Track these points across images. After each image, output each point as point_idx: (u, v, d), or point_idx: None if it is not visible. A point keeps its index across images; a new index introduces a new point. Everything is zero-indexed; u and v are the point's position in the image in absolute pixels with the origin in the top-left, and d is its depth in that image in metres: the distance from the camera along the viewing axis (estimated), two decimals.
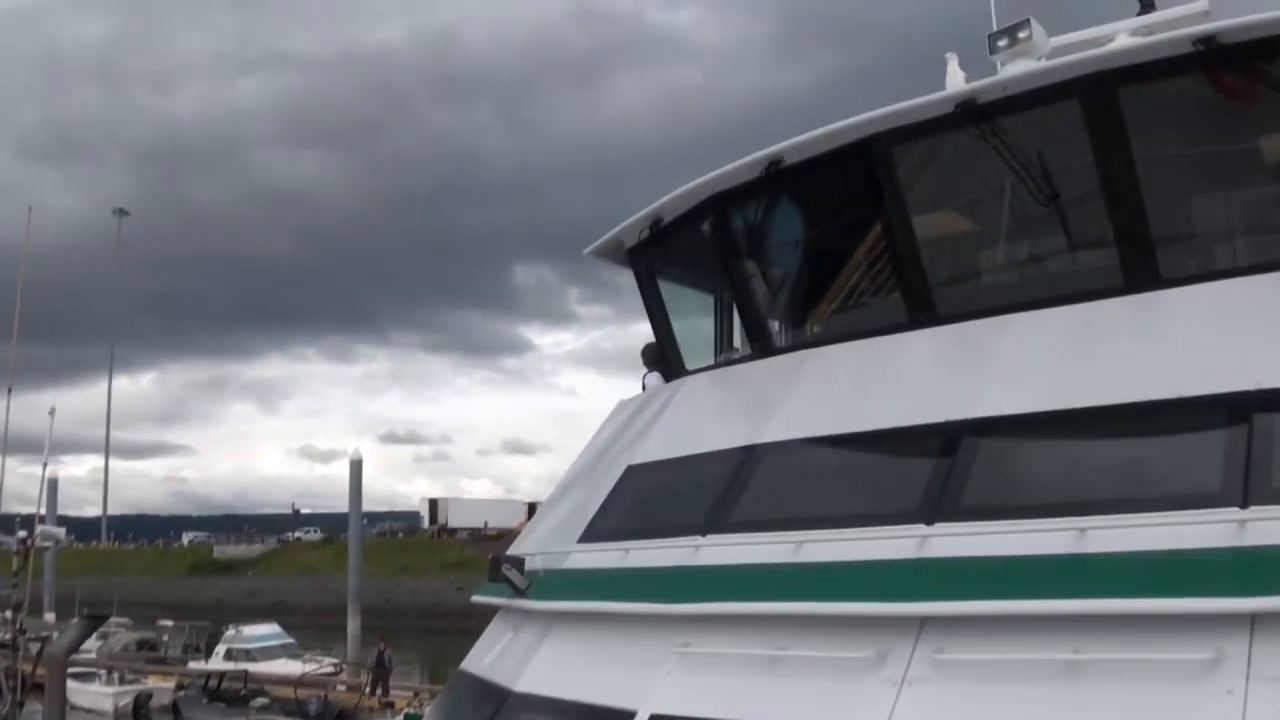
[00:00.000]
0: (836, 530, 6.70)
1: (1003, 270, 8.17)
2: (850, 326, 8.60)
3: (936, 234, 8.04)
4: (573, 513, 9.27)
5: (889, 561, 6.28)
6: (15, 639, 22.16)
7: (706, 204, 9.17)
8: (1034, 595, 5.59)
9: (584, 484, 9.72)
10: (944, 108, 7.58)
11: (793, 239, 9.28)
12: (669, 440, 9.03)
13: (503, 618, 9.34)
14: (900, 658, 5.92)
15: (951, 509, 6.33)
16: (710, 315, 10.44)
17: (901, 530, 6.36)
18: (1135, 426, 6.32)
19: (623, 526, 8.44)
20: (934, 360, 7.70)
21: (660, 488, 8.67)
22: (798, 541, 6.77)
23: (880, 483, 7.18)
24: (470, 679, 8.97)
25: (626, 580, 7.76)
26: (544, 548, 9.09)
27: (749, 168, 8.65)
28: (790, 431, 7.89)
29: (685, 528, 7.67)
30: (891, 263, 8.09)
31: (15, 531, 24.50)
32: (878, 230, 8.17)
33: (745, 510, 7.52)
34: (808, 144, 8.27)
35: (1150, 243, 6.99)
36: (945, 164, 8.06)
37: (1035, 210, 7.64)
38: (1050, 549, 5.72)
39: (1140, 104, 6.97)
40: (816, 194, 8.87)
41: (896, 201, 7.87)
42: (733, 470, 7.84)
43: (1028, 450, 6.75)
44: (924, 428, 7.04)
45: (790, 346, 9.13)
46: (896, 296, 8.06)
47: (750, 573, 6.95)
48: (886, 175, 7.88)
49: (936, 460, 6.77)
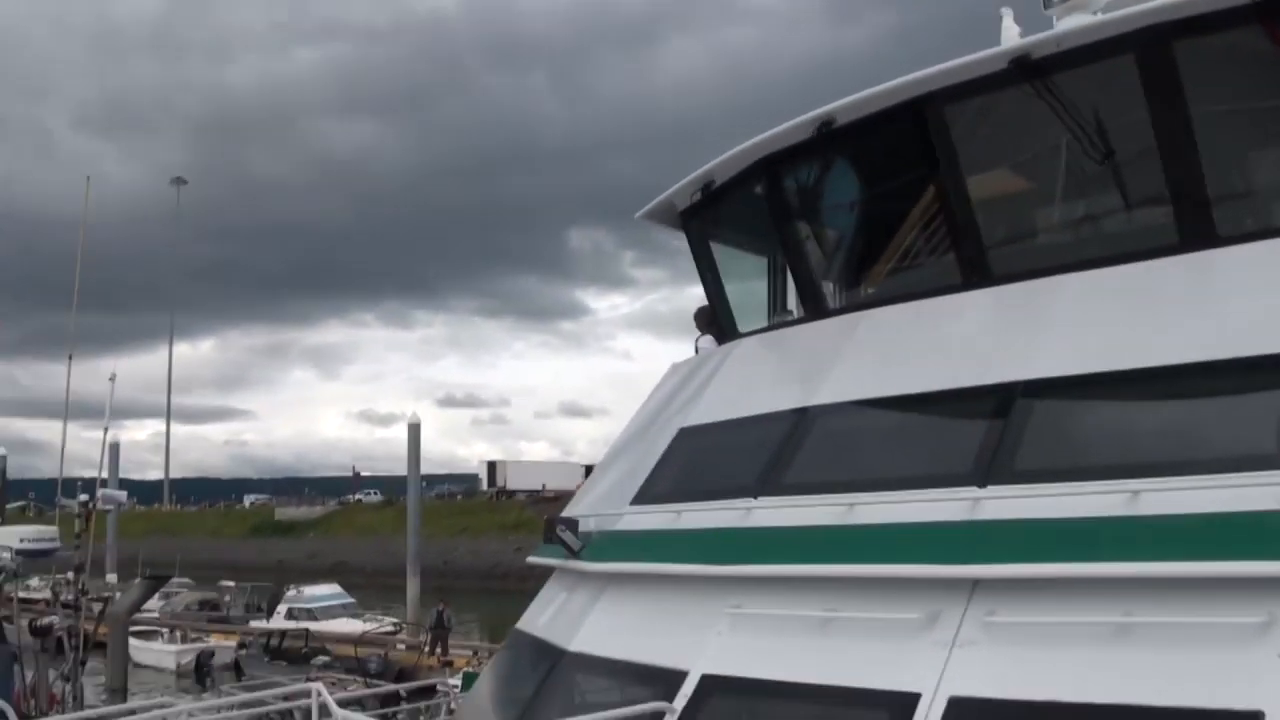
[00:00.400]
0: (888, 492, 6.72)
1: (1057, 230, 8.09)
2: (904, 288, 8.57)
3: (990, 193, 7.97)
4: (626, 475, 9.35)
5: (941, 524, 6.29)
6: (78, 599, 22.70)
7: (758, 165, 9.15)
8: (1086, 558, 5.59)
9: (637, 446, 9.79)
10: (997, 64, 7.49)
11: (846, 200, 9.25)
12: (721, 403, 9.07)
13: (558, 578, 9.46)
14: (951, 620, 5.95)
15: (1004, 471, 6.33)
16: (763, 278, 10.44)
17: (954, 493, 6.37)
18: (1190, 387, 6.26)
19: (675, 488, 8.50)
20: (988, 321, 7.66)
21: (712, 450, 8.71)
22: (849, 504, 6.80)
23: (933, 445, 7.19)
24: (526, 638, 9.10)
25: (679, 542, 7.83)
26: (598, 509, 9.18)
27: (800, 128, 8.61)
28: (843, 394, 7.90)
29: (737, 490, 7.73)
30: (945, 223, 8.04)
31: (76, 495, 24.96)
32: (931, 190, 8.12)
33: (797, 472, 7.55)
34: (859, 103, 8.21)
35: (1206, 200, 6.90)
36: (999, 122, 7.98)
37: (1090, 168, 7.56)
38: (1103, 511, 5.71)
39: (1196, 58, 6.84)
40: (869, 154, 8.82)
41: (950, 161, 7.81)
42: (785, 432, 7.87)
43: (1081, 412, 6.72)
44: (977, 389, 7.02)
45: (844, 308, 9.11)
46: (950, 257, 8.02)
47: (801, 534, 6.99)
48: (940, 134, 7.82)
49: (989, 422, 6.76)
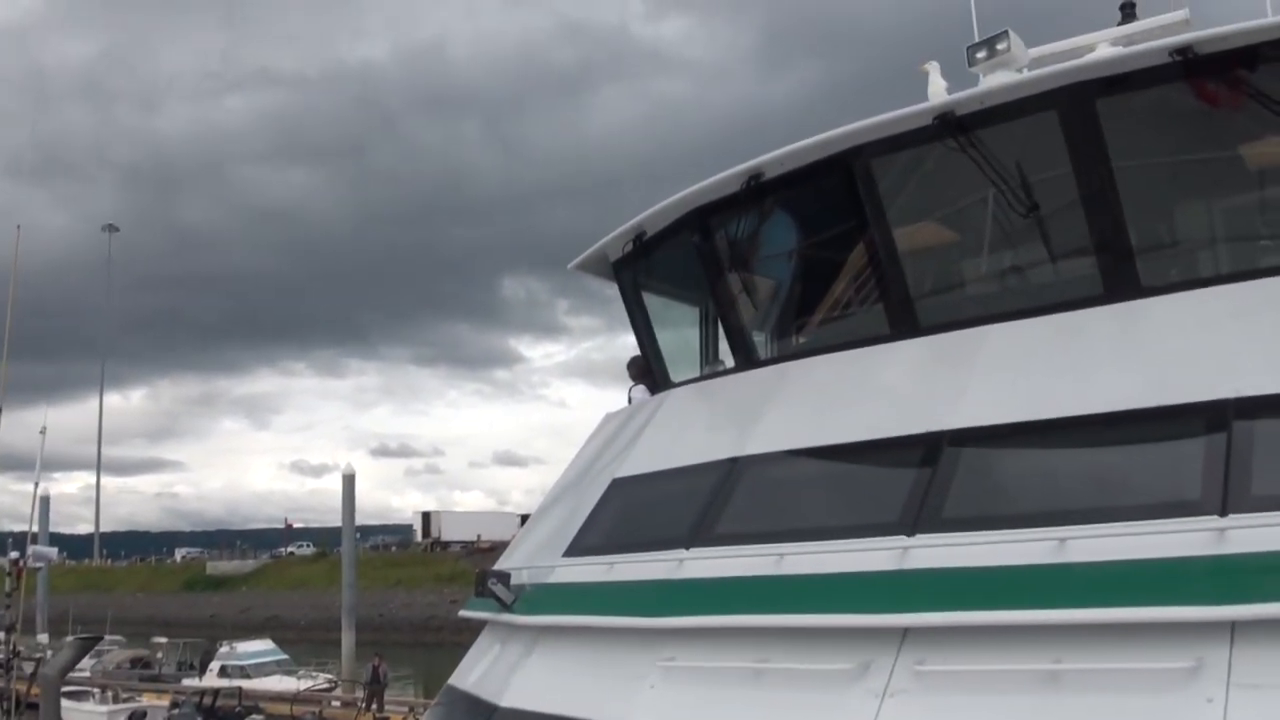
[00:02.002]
0: (819, 542, 6.69)
1: (984, 281, 8.19)
2: (833, 338, 8.61)
3: (918, 245, 8.06)
4: (559, 526, 9.27)
5: (871, 573, 6.28)
6: (9, 660, 22.04)
7: (689, 217, 9.20)
8: (1015, 605, 5.59)
9: (570, 497, 9.72)
10: (923, 120, 7.60)
11: (776, 251, 9.29)
12: (654, 453, 9.03)
13: (490, 632, 9.33)
14: (883, 669, 5.92)
15: (933, 520, 6.34)
16: (695, 327, 10.46)
17: (883, 541, 6.36)
18: (1116, 435, 6.32)
19: (608, 540, 8.43)
20: (916, 371, 7.71)
21: (645, 501, 8.66)
22: (780, 554, 6.77)
23: (862, 494, 7.19)
24: (457, 694, 8.96)
25: (611, 594, 7.75)
26: (530, 561, 9.08)
27: (730, 181, 8.67)
28: (773, 443, 7.90)
29: (669, 541, 7.67)
30: (874, 274, 8.10)
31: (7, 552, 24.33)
32: (860, 243, 8.18)
33: (728, 523, 7.52)
34: (788, 157, 8.29)
35: (1130, 252, 7.01)
36: (926, 176, 8.08)
37: (1016, 221, 7.65)
38: (1031, 559, 5.73)
39: (1119, 114, 6.99)
40: (798, 207, 8.88)
41: (877, 214, 7.89)
42: (716, 483, 7.84)
43: (1009, 460, 6.76)
44: (906, 438, 7.04)
45: (774, 359, 9.14)
46: (879, 308, 8.08)
47: (733, 585, 6.94)
48: (867, 188, 7.90)
49: (918, 471, 6.77)
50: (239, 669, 48.92)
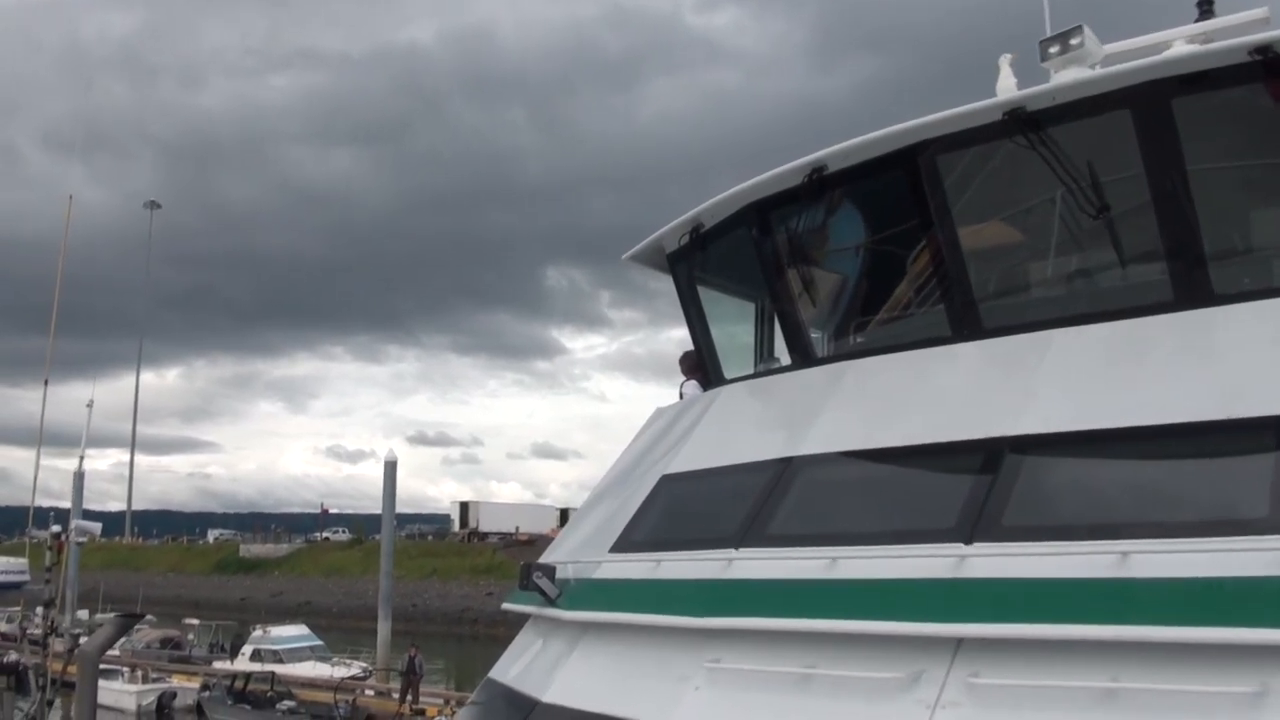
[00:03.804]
0: (872, 547, 6.72)
1: (1050, 283, 8.16)
2: (893, 338, 8.63)
3: (983, 245, 8.06)
4: (606, 521, 9.34)
5: (925, 580, 6.30)
6: (47, 636, 22.40)
7: (748, 210, 9.24)
8: (1073, 620, 5.58)
9: (618, 492, 9.79)
10: (992, 115, 7.59)
11: (836, 248, 9.31)
12: (705, 450, 9.09)
13: (533, 626, 9.43)
14: (934, 680, 5.94)
15: (991, 528, 6.34)
16: (750, 323, 10.50)
17: (939, 549, 6.37)
18: (1182, 448, 6.29)
19: (655, 537, 8.50)
20: (977, 374, 7.71)
21: (694, 498, 8.72)
22: (832, 557, 6.81)
23: (918, 499, 7.19)
24: (498, 687, 9.05)
25: (657, 592, 7.82)
26: (576, 556, 9.16)
27: (791, 174, 8.70)
28: (828, 444, 7.93)
29: (718, 540, 7.72)
30: (936, 274, 8.11)
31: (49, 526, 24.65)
32: (923, 241, 8.20)
33: (780, 524, 7.56)
34: (851, 151, 8.31)
35: (1203, 258, 6.97)
36: (993, 173, 8.06)
37: (1085, 223, 7.63)
38: (1091, 572, 5.72)
39: (1195, 114, 6.94)
40: (861, 202, 8.90)
41: (942, 211, 7.90)
42: (768, 482, 7.88)
43: (1071, 469, 6.73)
44: (965, 444, 7.05)
45: (831, 357, 9.18)
46: (941, 308, 8.09)
47: (783, 588, 6.99)
48: (932, 184, 7.91)
49: (977, 477, 6.78)
50: (272, 653, 49.39)
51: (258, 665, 47.06)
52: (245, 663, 48.51)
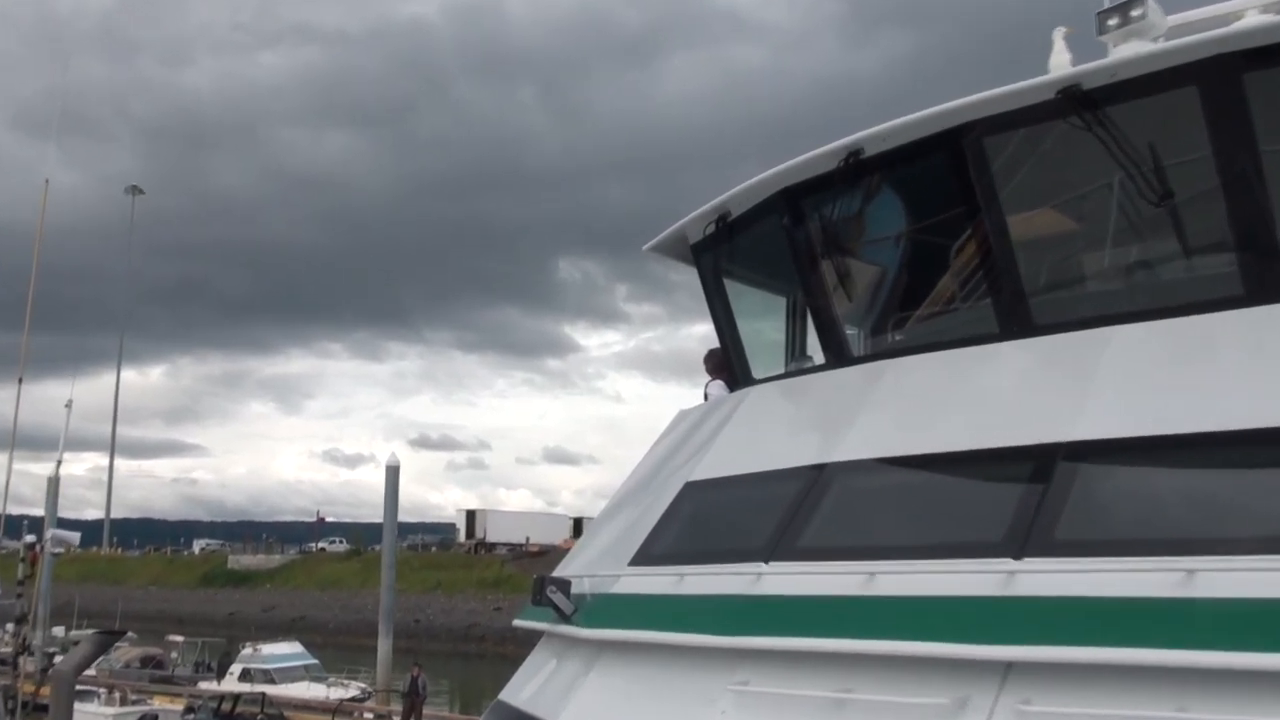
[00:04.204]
0: (913, 561, 6.74)
1: (1107, 277, 8.17)
2: (935, 335, 8.66)
3: (1034, 235, 8.06)
4: (625, 532, 9.40)
5: (971, 598, 6.31)
6: (17, 655, 22.51)
7: (779, 197, 9.28)
8: (1133, 643, 5.56)
9: (638, 501, 9.85)
10: (1044, 94, 7.58)
11: (874, 238, 9.33)
12: (732, 455, 9.14)
13: (546, 644, 9.50)
14: (981, 707, 5.95)
15: (1043, 542, 6.34)
16: (781, 319, 10.55)
17: (986, 564, 6.38)
18: (1253, 456, 6.26)
19: (678, 549, 8.55)
20: (1028, 375, 7.73)
21: (720, 508, 8.78)
22: (869, 572, 6.83)
23: (964, 510, 7.21)
24: (508, 710, 9.12)
25: (680, 608, 7.86)
26: (593, 569, 9.22)
27: (826, 158, 8.73)
28: (865, 450, 7.96)
29: (746, 553, 7.77)
30: (983, 266, 8.13)
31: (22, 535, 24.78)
32: (969, 230, 8.22)
33: (813, 536, 7.60)
34: (891, 133, 8.33)
35: (1276, 249, 6.93)
36: (1045, 157, 8.05)
37: (1146, 210, 7.62)
38: (1153, 592, 5.69)
39: (1269, 91, 6.89)
40: (901, 188, 8.93)
41: (990, 198, 7.91)
42: (800, 491, 7.92)
43: (1131, 479, 6.73)
44: (1015, 450, 7.06)
45: (868, 356, 9.22)
46: (988, 303, 8.11)
47: (816, 605, 7.03)
48: (979, 169, 7.92)
49: (1028, 486, 6.79)
50: (263, 673, 49.64)
51: (247, 686, 47.25)
52: (234, 683, 48.74)
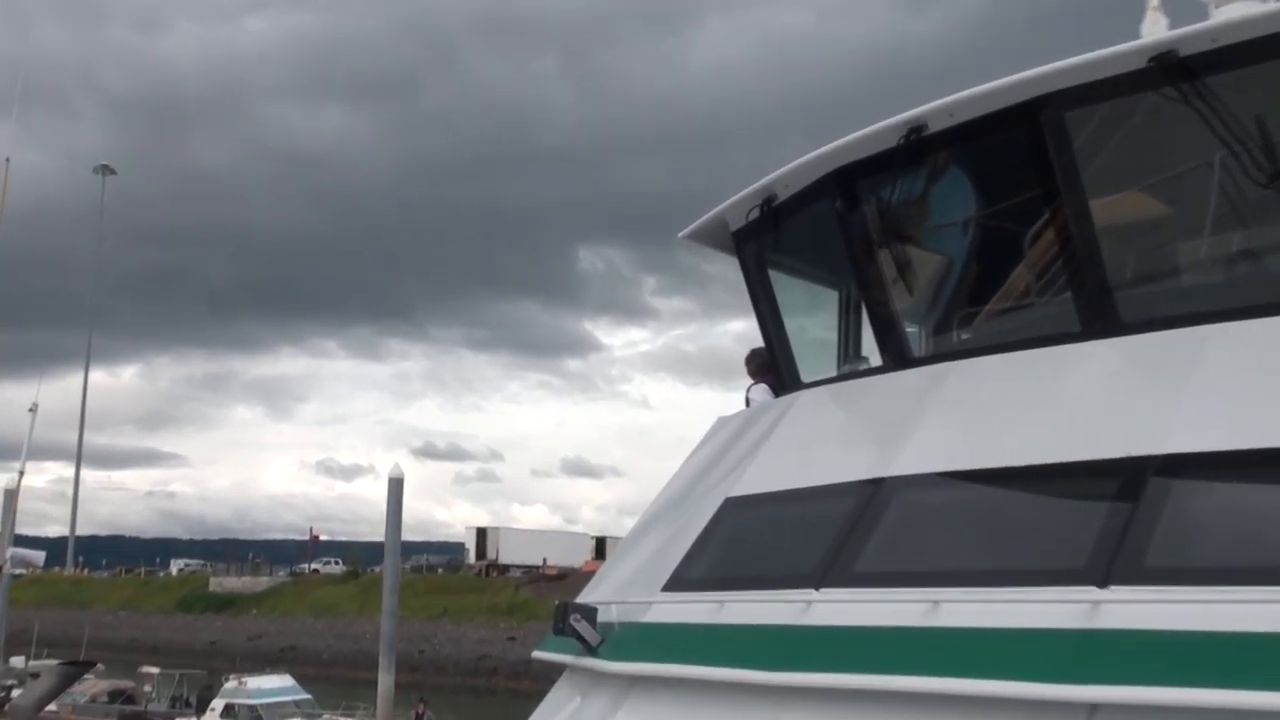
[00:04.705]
0: (983, 589, 6.71)
1: (1205, 268, 8.13)
2: (1008, 334, 8.64)
3: (1121, 221, 8.04)
4: (657, 553, 9.40)
5: (1049, 632, 6.27)
6: None
7: (831, 179, 9.26)
8: (1233, 684, 5.51)
9: (672, 519, 9.84)
10: (1134, 62, 7.54)
11: (938, 224, 9.31)
12: (778, 468, 9.13)
13: (569, 679, 9.50)
14: None
15: (1131, 569, 6.30)
16: (833, 315, 10.54)
17: (1066, 593, 6.34)
18: None
19: (717, 573, 8.55)
20: (1114, 379, 7.69)
21: (765, 527, 8.77)
22: (933, 601, 6.80)
23: (1041, 531, 7.17)
24: None
25: (720, 640, 7.86)
26: (621, 595, 9.21)
27: (884, 136, 8.71)
28: (928, 463, 7.94)
29: (794, 578, 7.76)
30: (1062, 255, 8.10)
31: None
32: (1046, 215, 8.19)
33: (869, 559, 7.57)
34: (958, 106, 8.30)
35: None
36: (1134, 133, 8.03)
37: (1251, 193, 7.59)
38: (1255, 625, 5.65)
39: None
40: (970, 169, 8.91)
41: (1071, 179, 7.87)
42: (855, 509, 7.90)
43: (1231, 497, 6.69)
44: (1098, 464, 7.02)
45: (931, 357, 9.19)
46: (1068, 298, 8.07)
47: (873, 637, 7.00)
48: (1059, 146, 7.88)
49: (1113, 506, 6.75)
50: (249, 709, 49.81)
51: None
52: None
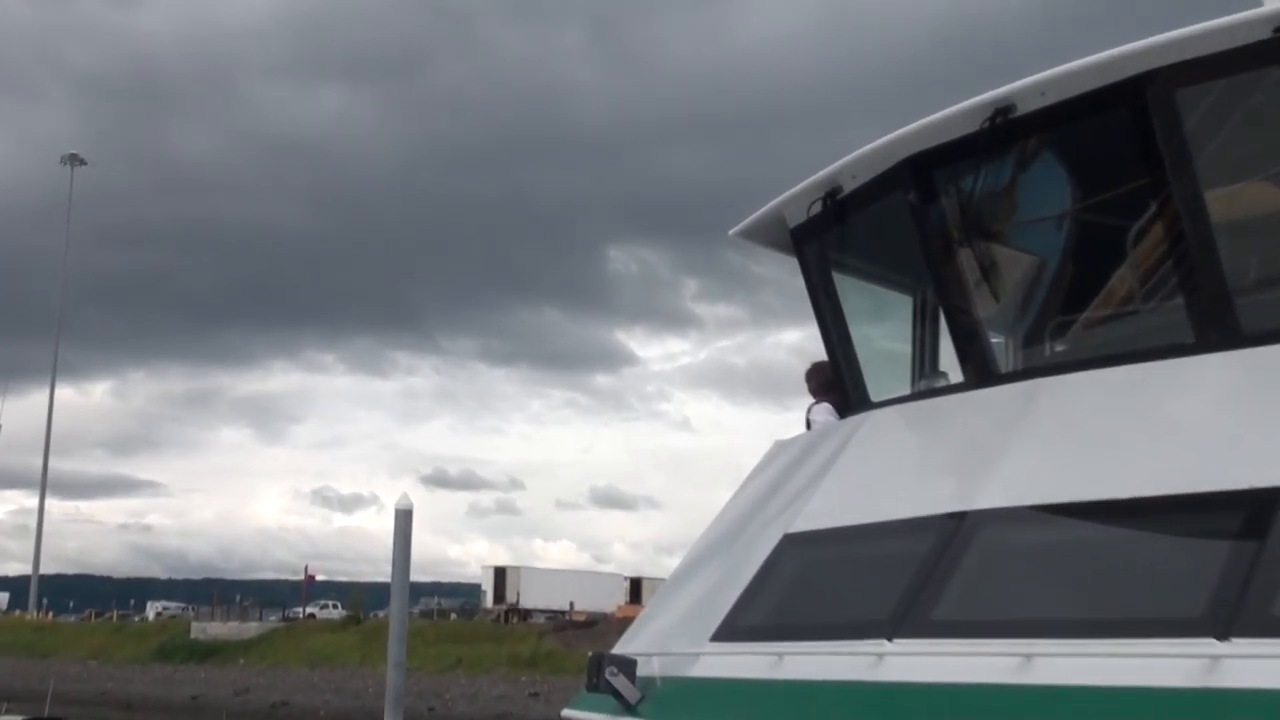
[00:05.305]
0: (1082, 641, 6.67)
1: None
2: (1108, 346, 8.65)
3: (1241, 215, 8.03)
4: (706, 598, 9.40)
5: (1162, 691, 6.22)
6: None
7: (904, 168, 9.28)
8: None
9: (722, 558, 9.84)
10: (1257, 32, 7.53)
11: (1027, 219, 9.30)
12: (844, 500, 9.13)
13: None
14: None
15: (1257, 619, 6.26)
16: (906, 324, 10.55)
17: (1181, 645, 6.30)
18: None
19: (775, 621, 8.56)
20: (1233, 397, 7.66)
21: (830, 568, 8.78)
22: (1025, 654, 6.77)
23: (1150, 575, 7.13)
24: None
25: (778, 697, 7.86)
26: (664, 646, 9.21)
27: (965, 118, 8.72)
28: (1018, 494, 7.92)
29: (864, 626, 7.75)
30: (1172, 255, 8.09)
31: None
32: (1152, 208, 8.19)
33: (950, 605, 7.56)
34: (1052, 84, 8.30)
35: None
36: (1256, 114, 8.01)
37: None
38: None
39: None
40: (1063, 155, 8.91)
41: (1182, 167, 7.86)
42: (934, 547, 7.89)
43: None
44: (1217, 496, 6.99)
45: (1021, 372, 9.19)
46: (1179, 303, 8.07)
47: (955, 696, 6.99)
48: (1168, 130, 7.87)
49: (1235, 545, 6.73)
50: None
51: None
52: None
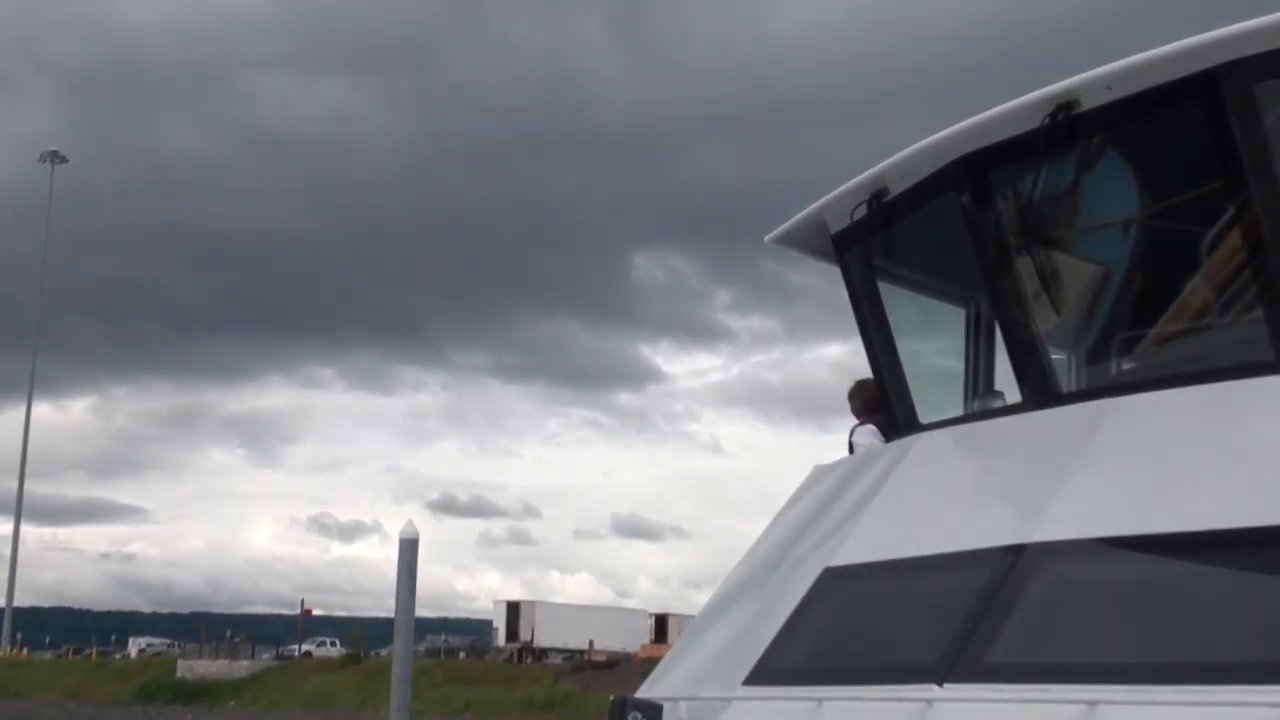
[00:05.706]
0: (1151, 687, 6.67)
1: None
2: (1181, 363, 8.65)
3: None
4: (739, 637, 9.40)
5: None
6: None
7: (958, 168, 9.29)
8: None
9: (757, 593, 9.85)
10: None
11: (1092, 224, 9.30)
12: (890, 531, 9.15)
13: None
14: None
15: None
16: (959, 339, 10.56)
17: (1262, 693, 6.28)
18: None
19: (814, 663, 8.57)
20: None
21: (874, 605, 8.79)
22: (1089, 701, 6.76)
23: (1228, 614, 7.12)
24: None
25: None
26: (693, 689, 9.22)
27: (1023, 114, 8.73)
28: (1080, 527, 7.91)
29: (912, 670, 7.76)
30: (1250, 264, 8.09)
31: None
32: (1229, 212, 8.18)
33: (1007, 647, 7.55)
34: (1118, 78, 8.31)
35: None
36: None
37: None
38: None
39: None
40: (1131, 155, 8.90)
41: (1261, 168, 7.86)
42: (989, 583, 7.88)
43: None
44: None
45: (1085, 392, 9.18)
46: (1259, 318, 8.07)
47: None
48: (1245, 127, 7.87)
49: None
50: None
51: None
52: None
